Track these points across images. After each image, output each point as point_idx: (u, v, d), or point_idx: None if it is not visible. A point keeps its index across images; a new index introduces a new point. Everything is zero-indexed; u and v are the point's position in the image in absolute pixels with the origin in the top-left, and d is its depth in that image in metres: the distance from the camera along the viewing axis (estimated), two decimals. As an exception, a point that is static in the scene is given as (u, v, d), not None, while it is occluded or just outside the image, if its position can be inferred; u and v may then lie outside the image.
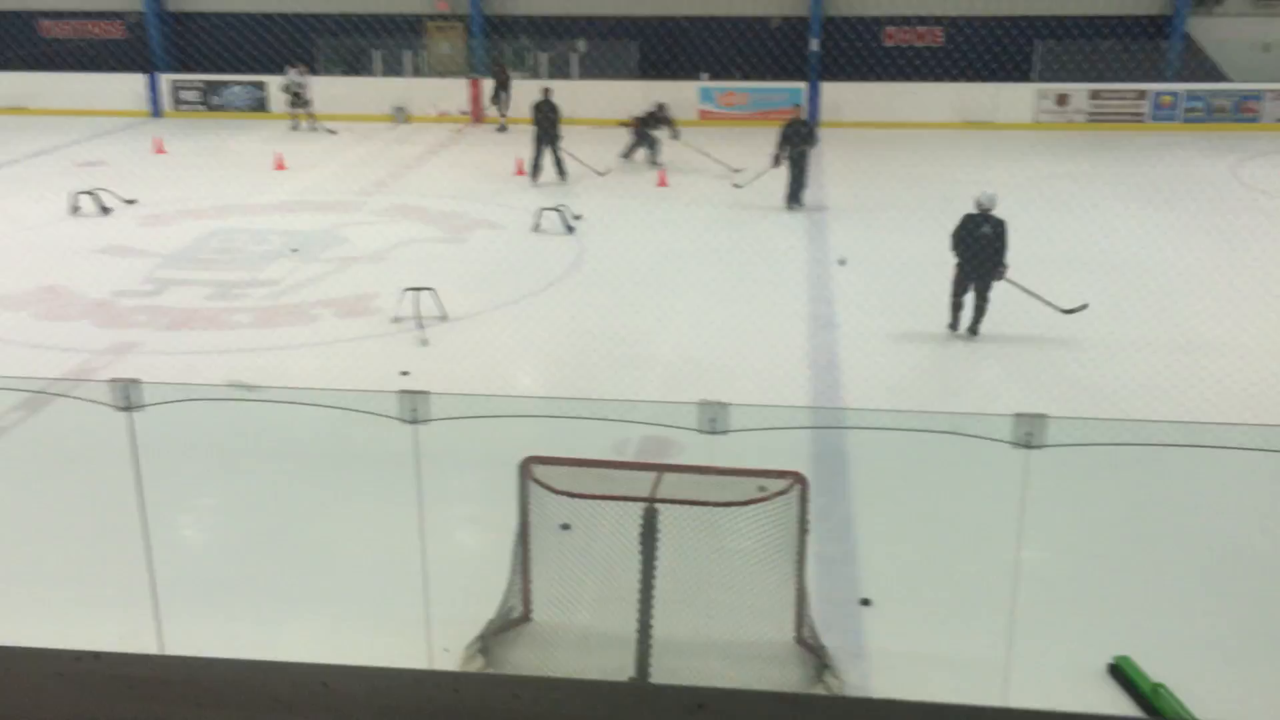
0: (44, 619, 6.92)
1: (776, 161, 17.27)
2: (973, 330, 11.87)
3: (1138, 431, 5.53)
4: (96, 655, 0.58)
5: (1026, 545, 5.99)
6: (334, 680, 0.53)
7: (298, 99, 23.71)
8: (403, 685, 0.51)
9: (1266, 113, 24.26)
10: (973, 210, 11.84)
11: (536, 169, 19.36)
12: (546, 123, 19.28)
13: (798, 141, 17.07)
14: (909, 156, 21.26)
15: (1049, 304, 12.01)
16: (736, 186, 18.21)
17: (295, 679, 0.54)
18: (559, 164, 19.44)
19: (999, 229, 11.70)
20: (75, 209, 17.20)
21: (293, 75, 23.88)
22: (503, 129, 24.74)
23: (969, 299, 11.84)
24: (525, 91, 25.56)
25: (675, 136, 20.52)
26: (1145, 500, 8.26)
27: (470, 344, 11.53)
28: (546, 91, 20.01)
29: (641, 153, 20.99)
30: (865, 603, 7.02)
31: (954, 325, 11.94)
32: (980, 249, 11.67)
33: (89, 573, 7.50)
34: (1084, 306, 11.98)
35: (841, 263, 12.63)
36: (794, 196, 17.26)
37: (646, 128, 20.92)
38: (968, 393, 10.30)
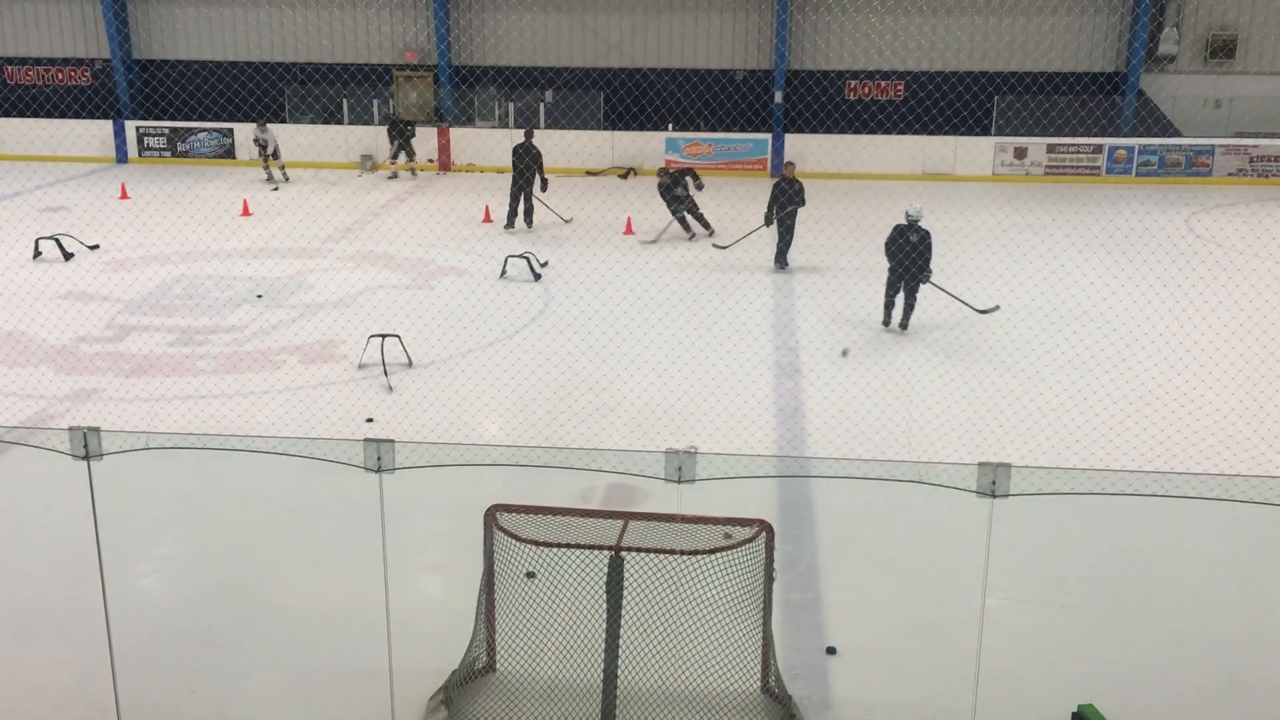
0: (-3, 671, 6.78)
1: (768, 221, 17.08)
2: (903, 325, 13.67)
3: (1100, 481, 5.60)
4: None
5: (991, 593, 6.03)
6: None
7: (262, 151, 23.64)
8: None
9: (1218, 167, 24.85)
10: (902, 221, 13.58)
11: (512, 215, 19.45)
12: (524, 167, 19.41)
13: (786, 202, 16.87)
14: (872, 207, 21.56)
15: (966, 304, 13.87)
16: (719, 248, 17.78)
17: None
18: (529, 212, 19.55)
19: (924, 238, 13.44)
20: (37, 254, 17.06)
21: (257, 131, 23.82)
22: (394, 176, 24.79)
23: (899, 299, 13.68)
24: (496, 140, 25.78)
25: (699, 187, 18.94)
26: (1108, 549, 8.34)
27: (436, 391, 11.50)
28: (528, 134, 20.14)
29: (679, 222, 19.10)
30: (831, 651, 7.01)
31: (886, 322, 13.80)
32: (907, 255, 13.42)
33: (45, 623, 7.36)
34: (996, 308, 13.78)
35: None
36: (781, 256, 17.06)
37: (675, 190, 18.93)
38: (931, 441, 10.39)
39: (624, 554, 6.08)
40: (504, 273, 16.34)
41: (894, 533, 8.41)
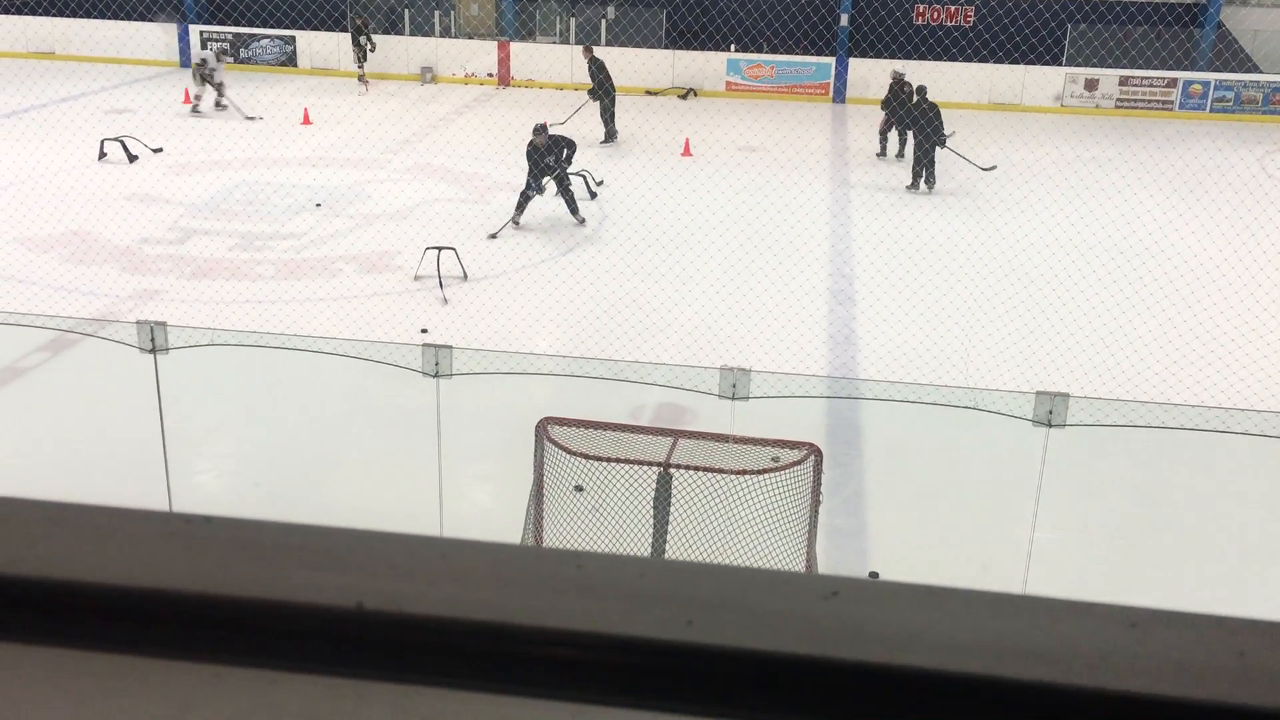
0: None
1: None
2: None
3: (1160, 414, 5.53)
4: (208, 519, 0.61)
5: (1040, 525, 6.03)
6: (452, 552, 0.57)
7: (205, 78, 21.33)
8: (524, 558, 0.55)
9: (1298, 105, 24.01)
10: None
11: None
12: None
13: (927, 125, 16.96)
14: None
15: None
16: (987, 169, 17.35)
17: (412, 549, 0.57)
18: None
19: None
20: (102, 155, 17.27)
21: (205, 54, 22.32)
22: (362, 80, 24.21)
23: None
24: (555, 56, 25.53)
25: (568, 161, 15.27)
26: (1163, 485, 8.27)
27: (490, 305, 11.58)
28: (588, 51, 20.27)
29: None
30: (874, 577, 7.08)
31: (882, 153, 17.83)
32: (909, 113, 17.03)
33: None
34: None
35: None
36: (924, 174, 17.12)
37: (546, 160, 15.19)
38: (986, 372, 10.31)
39: (672, 471, 6.14)
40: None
41: (943, 461, 8.40)
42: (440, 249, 12.35)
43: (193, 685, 0.54)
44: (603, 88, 19.92)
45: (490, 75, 25.74)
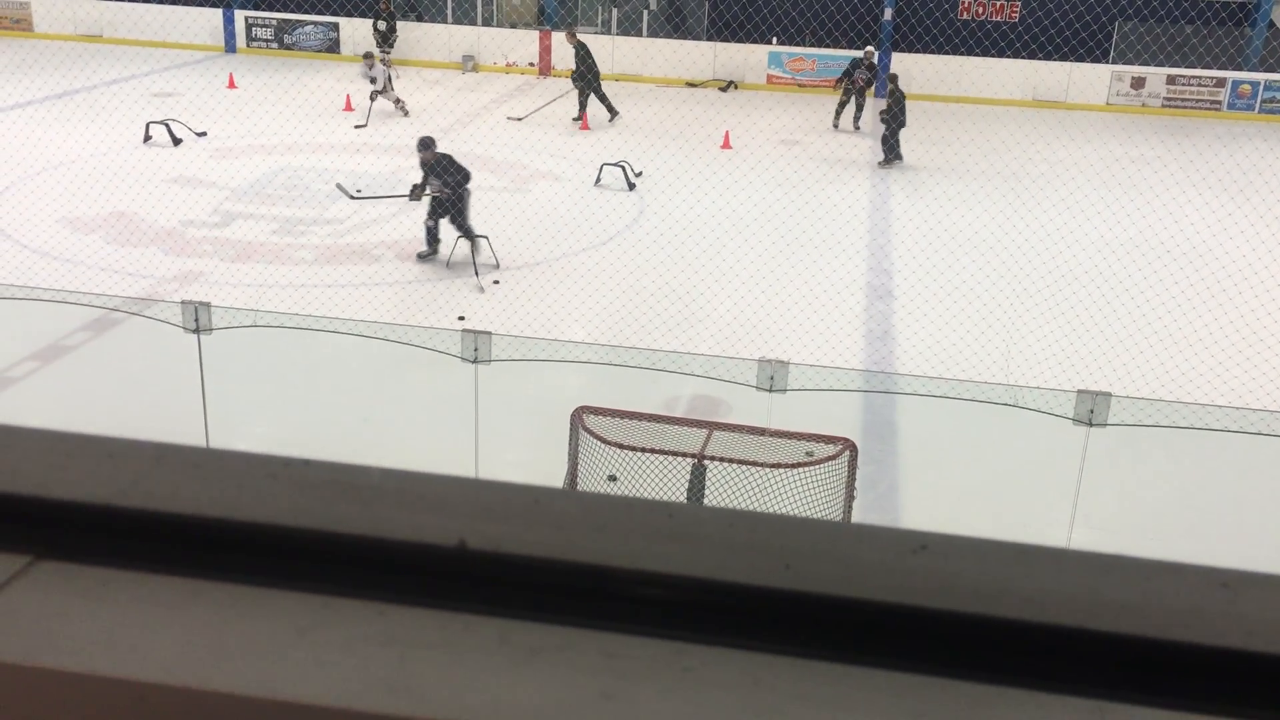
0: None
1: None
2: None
3: (1203, 416, 5.46)
4: (306, 462, 0.63)
5: (1079, 525, 5.98)
6: (546, 499, 0.58)
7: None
8: (615, 507, 0.56)
9: (1351, 108, 23.58)
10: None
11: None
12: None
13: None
14: (978, 131, 20.96)
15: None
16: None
17: (509, 495, 0.58)
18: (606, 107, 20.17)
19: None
20: (147, 138, 17.47)
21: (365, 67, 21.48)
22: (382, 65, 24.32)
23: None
24: (599, 46, 25.54)
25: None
26: (1204, 487, 8.17)
27: (526, 294, 11.62)
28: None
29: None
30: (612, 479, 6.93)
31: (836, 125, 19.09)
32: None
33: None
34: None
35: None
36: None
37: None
38: (1026, 371, 10.22)
39: (706, 463, 6.14)
40: (599, 180, 16.31)
41: (981, 458, 8.35)
42: (474, 237, 12.40)
43: (305, 613, 0.55)
44: (590, 72, 20.18)
45: (531, 65, 25.78)
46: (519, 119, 20.51)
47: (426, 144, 13.20)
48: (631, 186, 16.14)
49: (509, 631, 0.53)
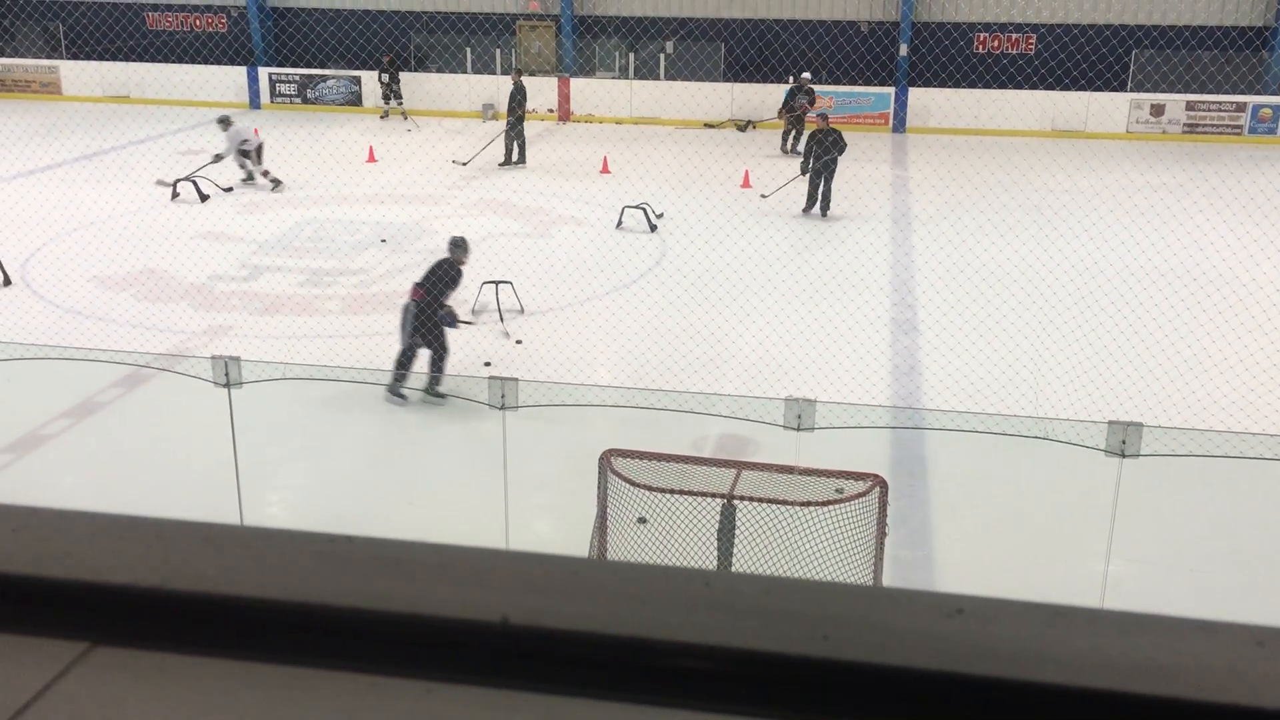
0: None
1: (804, 170, 17.50)
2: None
3: (1237, 444, 5.41)
4: (350, 539, 0.64)
5: (1114, 558, 5.92)
6: (585, 571, 0.59)
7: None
8: (653, 577, 0.57)
9: (1373, 129, 23.45)
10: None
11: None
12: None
13: (822, 152, 17.05)
14: (997, 164, 20.97)
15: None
16: (763, 197, 18.13)
17: (549, 569, 0.59)
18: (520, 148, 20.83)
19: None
20: (175, 195, 17.73)
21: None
22: (402, 118, 25.10)
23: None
24: (617, 91, 25.80)
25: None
26: (1239, 516, 8.07)
27: (551, 339, 11.66)
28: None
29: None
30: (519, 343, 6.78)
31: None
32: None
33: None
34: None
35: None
36: (818, 202, 17.29)
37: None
38: (1055, 402, 10.15)
39: (736, 503, 6.12)
40: (620, 223, 16.40)
41: (1012, 492, 8.28)
42: (498, 283, 12.48)
43: (354, 694, 0.56)
44: (521, 110, 20.75)
45: (551, 111, 26.04)
46: (463, 164, 20.84)
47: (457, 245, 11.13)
48: (653, 228, 16.22)
49: (552, 708, 0.54)
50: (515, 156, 20.91)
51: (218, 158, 18.54)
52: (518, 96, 20.77)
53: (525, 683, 0.56)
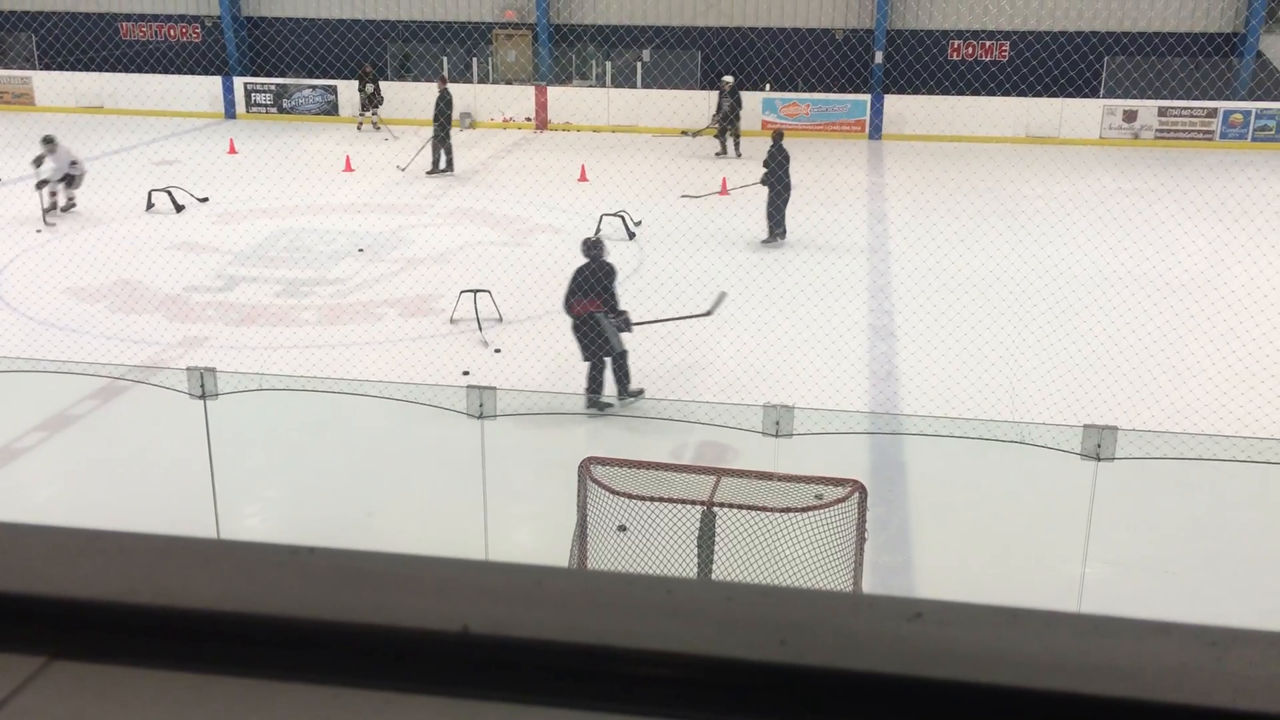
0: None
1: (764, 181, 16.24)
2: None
3: (1211, 447, 5.46)
4: (311, 550, 0.64)
5: (1090, 560, 5.96)
6: (547, 579, 0.59)
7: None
8: (616, 585, 0.57)
9: (1342, 133, 23.74)
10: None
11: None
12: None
13: (776, 166, 15.99)
14: (972, 170, 21.12)
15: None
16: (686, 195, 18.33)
17: (510, 577, 0.59)
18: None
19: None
20: (150, 206, 17.63)
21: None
22: (374, 128, 25.11)
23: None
24: (594, 99, 25.81)
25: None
26: (1214, 518, 8.14)
27: (529, 347, 11.65)
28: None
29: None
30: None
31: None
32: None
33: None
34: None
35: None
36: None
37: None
38: (1031, 407, 10.22)
39: (716, 510, 6.13)
40: (598, 230, 16.41)
41: (989, 496, 8.33)
42: (475, 291, 12.46)
43: (314, 705, 0.56)
44: (444, 118, 20.84)
45: (528, 119, 26.05)
46: (402, 169, 20.90)
47: None
48: (631, 236, 16.24)
49: (513, 716, 0.54)
50: (442, 164, 20.86)
51: (43, 183, 16.57)
52: (441, 104, 20.79)
53: (486, 692, 0.56)
